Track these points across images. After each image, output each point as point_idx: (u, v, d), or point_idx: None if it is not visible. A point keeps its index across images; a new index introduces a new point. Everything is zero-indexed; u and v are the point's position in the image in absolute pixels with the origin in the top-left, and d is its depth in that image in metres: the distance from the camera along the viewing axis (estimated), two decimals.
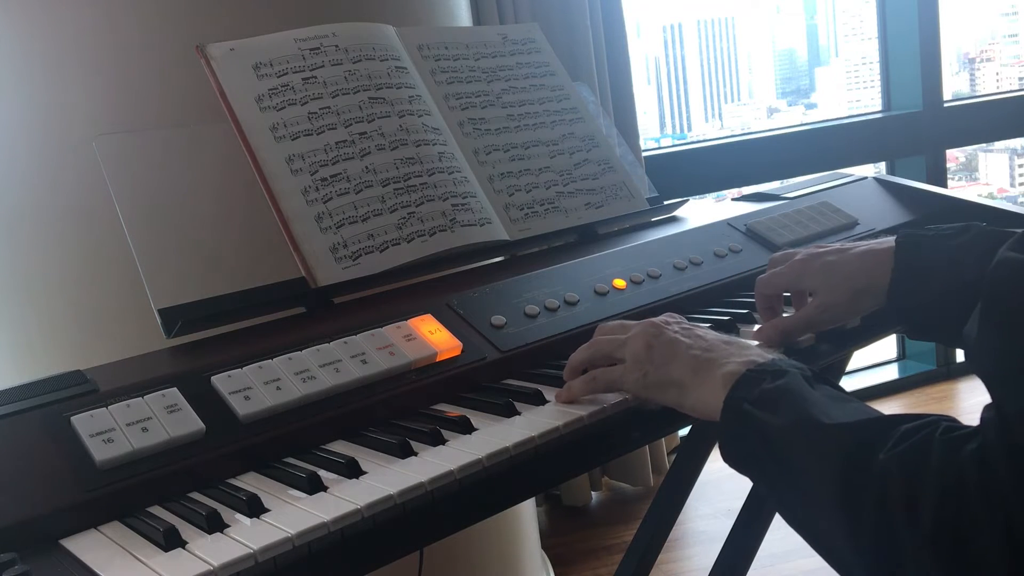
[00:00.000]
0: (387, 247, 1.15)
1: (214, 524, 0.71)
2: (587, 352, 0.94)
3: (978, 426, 0.62)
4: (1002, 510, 0.57)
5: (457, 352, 0.99)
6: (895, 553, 0.62)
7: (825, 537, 0.70)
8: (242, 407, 0.85)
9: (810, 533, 0.72)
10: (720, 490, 2.62)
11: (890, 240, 1.02)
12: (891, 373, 3.45)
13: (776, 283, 1.07)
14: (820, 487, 0.68)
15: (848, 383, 3.34)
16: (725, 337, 0.89)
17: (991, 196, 4.38)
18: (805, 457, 0.71)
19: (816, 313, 1.03)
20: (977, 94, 4.01)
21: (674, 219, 1.46)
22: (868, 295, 1.01)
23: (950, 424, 0.64)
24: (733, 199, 1.58)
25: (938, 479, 0.60)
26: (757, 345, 0.97)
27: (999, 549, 0.57)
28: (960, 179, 4.69)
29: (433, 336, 0.99)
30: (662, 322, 0.92)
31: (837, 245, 1.08)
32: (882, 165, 3.35)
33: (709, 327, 0.93)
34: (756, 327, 1.05)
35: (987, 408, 0.61)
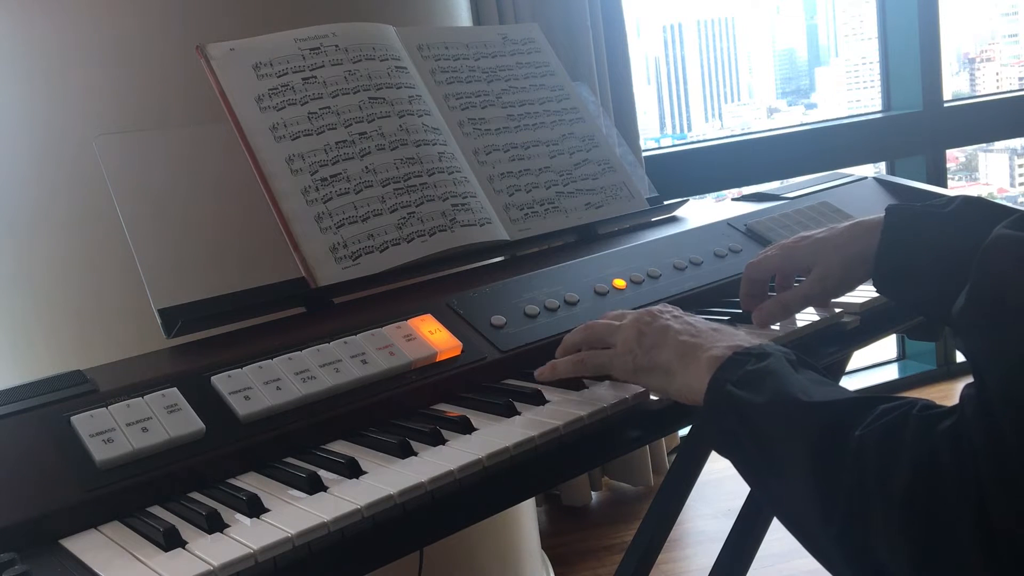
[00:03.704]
0: (387, 247, 1.15)
1: (214, 524, 0.71)
2: (581, 334, 0.95)
3: (955, 405, 0.62)
4: (975, 487, 0.57)
5: (457, 352, 0.99)
6: (866, 527, 0.62)
7: (798, 514, 0.70)
8: (242, 407, 0.85)
9: (784, 511, 0.72)
10: (720, 490, 2.62)
11: (880, 213, 1.04)
12: (891, 373, 3.45)
13: (767, 265, 1.09)
14: (795, 463, 0.69)
15: (848, 383, 3.33)
16: (714, 324, 0.90)
17: (991, 196, 4.37)
18: (781, 433, 0.71)
19: (813, 286, 1.04)
20: (977, 94, 4.01)
21: (674, 219, 1.46)
22: (859, 262, 1.03)
23: (927, 403, 0.65)
24: (733, 199, 1.58)
25: (912, 454, 0.61)
26: (748, 330, 0.98)
27: (970, 525, 0.57)
28: (960, 179, 4.68)
29: (433, 336, 0.99)
30: (657, 311, 0.93)
31: (824, 227, 1.10)
32: (882, 165, 3.35)
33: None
34: (753, 313, 1.07)
35: (968, 386, 0.61)
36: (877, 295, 1.10)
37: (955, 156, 4.26)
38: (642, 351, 0.88)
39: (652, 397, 0.90)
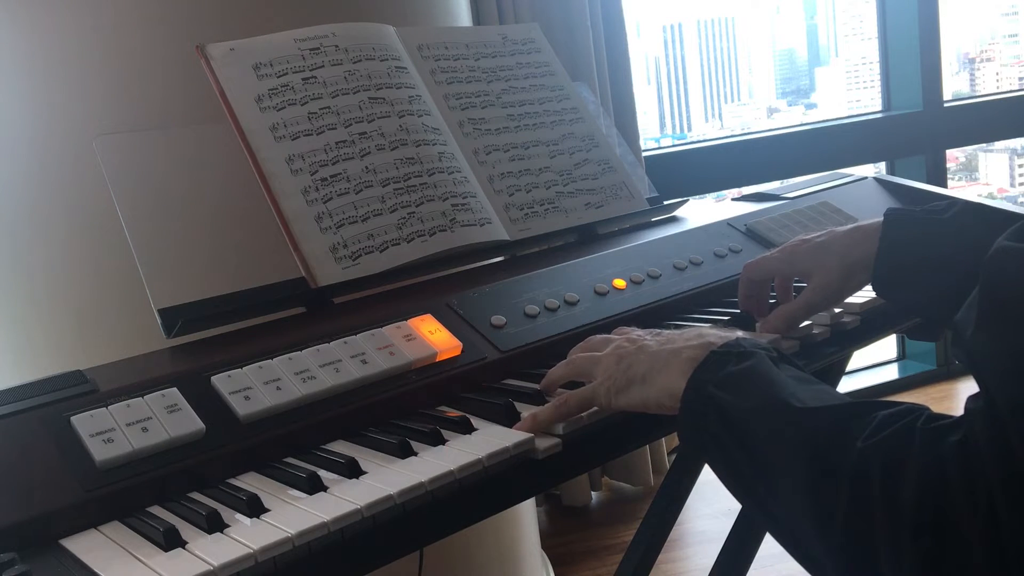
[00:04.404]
0: (387, 247, 1.15)
1: (214, 524, 0.71)
2: (565, 369, 0.93)
3: (961, 417, 0.61)
4: (986, 503, 0.56)
5: (457, 352, 0.99)
6: (869, 542, 0.61)
7: (791, 526, 0.68)
8: (242, 407, 0.85)
9: (775, 521, 0.70)
10: (720, 490, 2.59)
11: (879, 217, 1.04)
12: (891, 373, 3.45)
13: (767, 267, 1.08)
14: (789, 472, 0.67)
15: (848, 383, 3.34)
16: (686, 331, 0.87)
17: (991, 196, 4.38)
18: (774, 441, 0.69)
19: (815, 294, 1.04)
20: (977, 94, 4.01)
21: (674, 219, 1.46)
22: (860, 268, 1.02)
23: (931, 414, 0.63)
24: (733, 199, 1.58)
25: (920, 469, 0.59)
26: (717, 328, 0.97)
27: (980, 541, 0.56)
28: (960, 179, 4.68)
29: (433, 336, 0.99)
30: (637, 335, 0.91)
31: (824, 230, 1.09)
32: (882, 165, 3.35)
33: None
34: (758, 324, 1.06)
35: (972, 398, 0.60)
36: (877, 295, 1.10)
37: (955, 156, 4.26)
38: (620, 372, 0.86)
39: None
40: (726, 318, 1.10)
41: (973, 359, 0.61)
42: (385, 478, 0.77)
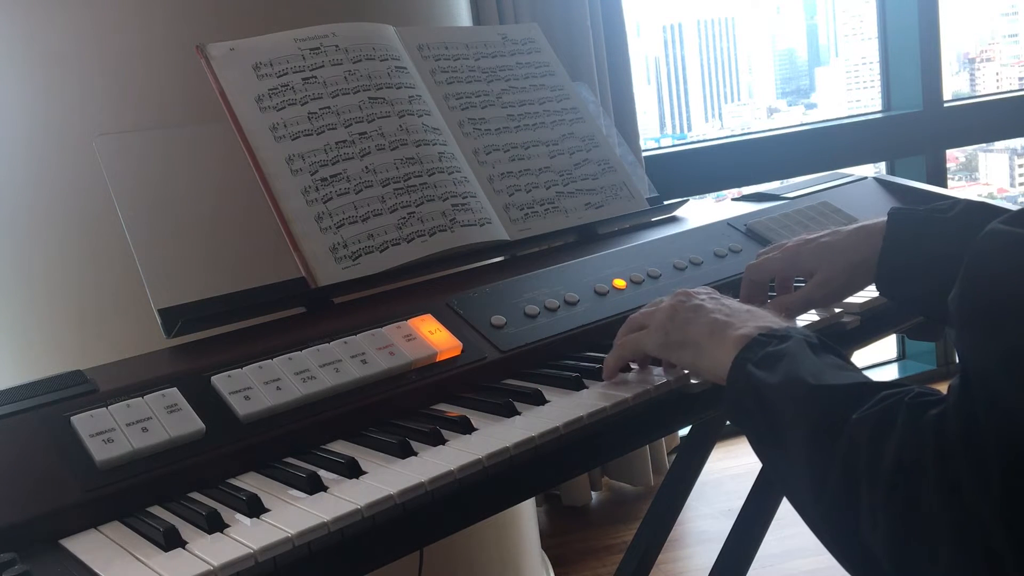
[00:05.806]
0: (387, 247, 1.15)
1: (214, 524, 0.71)
2: (623, 328, 0.97)
3: (946, 394, 0.63)
4: (954, 473, 0.58)
5: (457, 352, 0.99)
6: (852, 507, 0.64)
7: (794, 489, 0.72)
8: (242, 407, 0.85)
9: (784, 485, 0.74)
10: (720, 490, 2.62)
11: (883, 217, 1.05)
12: (891, 373, 3.45)
13: (769, 267, 1.10)
14: (795, 442, 0.71)
15: None
16: (748, 306, 0.91)
17: (991, 196, 4.37)
18: (788, 413, 0.73)
19: (815, 290, 1.06)
20: (977, 94, 4.01)
21: (674, 219, 1.46)
22: (863, 268, 1.04)
23: (920, 391, 0.66)
24: (733, 199, 1.58)
25: (899, 440, 0.62)
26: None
27: (946, 511, 0.58)
28: (960, 179, 4.68)
29: (433, 336, 0.99)
30: (693, 291, 0.94)
31: (828, 230, 1.10)
32: (882, 165, 3.35)
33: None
34: None
35: (956, 377, 0.62)
36: (877, 295, 1.10)
37: (955, 156, 4.26)
38: (674, 327, 0.90)
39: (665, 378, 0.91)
40: None
41: (955, 336, 0.63)
42: (385, 478, 0.77)
